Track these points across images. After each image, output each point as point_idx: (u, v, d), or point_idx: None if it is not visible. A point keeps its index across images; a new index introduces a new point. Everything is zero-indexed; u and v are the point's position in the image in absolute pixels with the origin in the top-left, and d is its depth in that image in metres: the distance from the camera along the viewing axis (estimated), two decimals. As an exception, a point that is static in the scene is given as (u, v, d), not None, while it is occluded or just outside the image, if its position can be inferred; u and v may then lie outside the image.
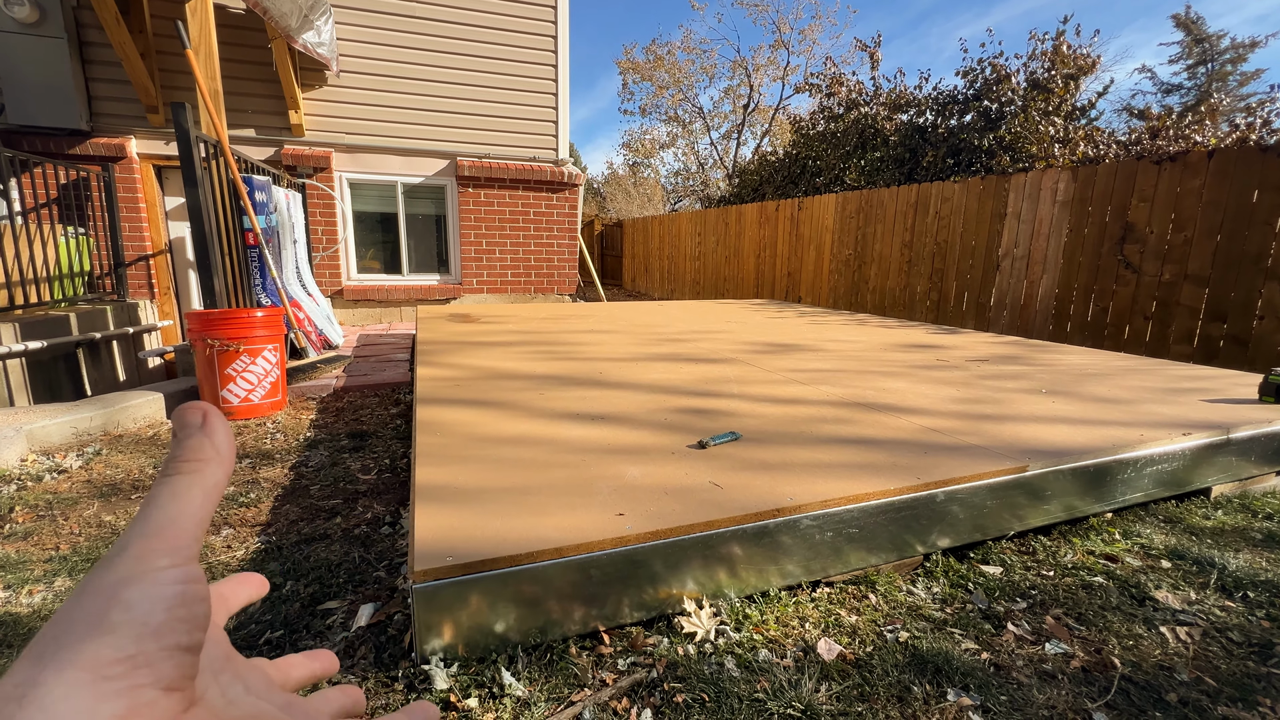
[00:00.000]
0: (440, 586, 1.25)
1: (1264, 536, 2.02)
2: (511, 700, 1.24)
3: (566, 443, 1.96)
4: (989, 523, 1.85)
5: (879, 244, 7.78)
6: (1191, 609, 1.61)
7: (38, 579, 1.73)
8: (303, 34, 5.24)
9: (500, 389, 2.63)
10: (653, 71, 24.72)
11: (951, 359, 3.54)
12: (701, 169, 26.08)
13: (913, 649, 1.42)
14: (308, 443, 2.96)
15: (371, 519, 2.14)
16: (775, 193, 12.88)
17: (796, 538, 1.56)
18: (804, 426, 2.16)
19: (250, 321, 3.31)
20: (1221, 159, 4.58)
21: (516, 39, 7.07)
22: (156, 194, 6.22)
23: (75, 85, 5.56)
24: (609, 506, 1.50)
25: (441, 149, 7.02)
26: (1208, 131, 6.79)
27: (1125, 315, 5.22)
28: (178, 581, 0.25)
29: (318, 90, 6.46)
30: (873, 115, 10.58)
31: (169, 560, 0.25)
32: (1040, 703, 1.28)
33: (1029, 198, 5.99)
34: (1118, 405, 2.52)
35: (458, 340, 3.93)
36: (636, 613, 1.45)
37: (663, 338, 4.19)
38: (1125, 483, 2.06)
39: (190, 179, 3.45)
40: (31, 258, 4.39)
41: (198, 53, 3.91)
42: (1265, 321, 4.32)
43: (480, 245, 7.34)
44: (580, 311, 5.84)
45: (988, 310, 6.44)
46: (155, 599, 0.23)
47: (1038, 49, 8.93)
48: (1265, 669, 1.39)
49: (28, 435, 2.78)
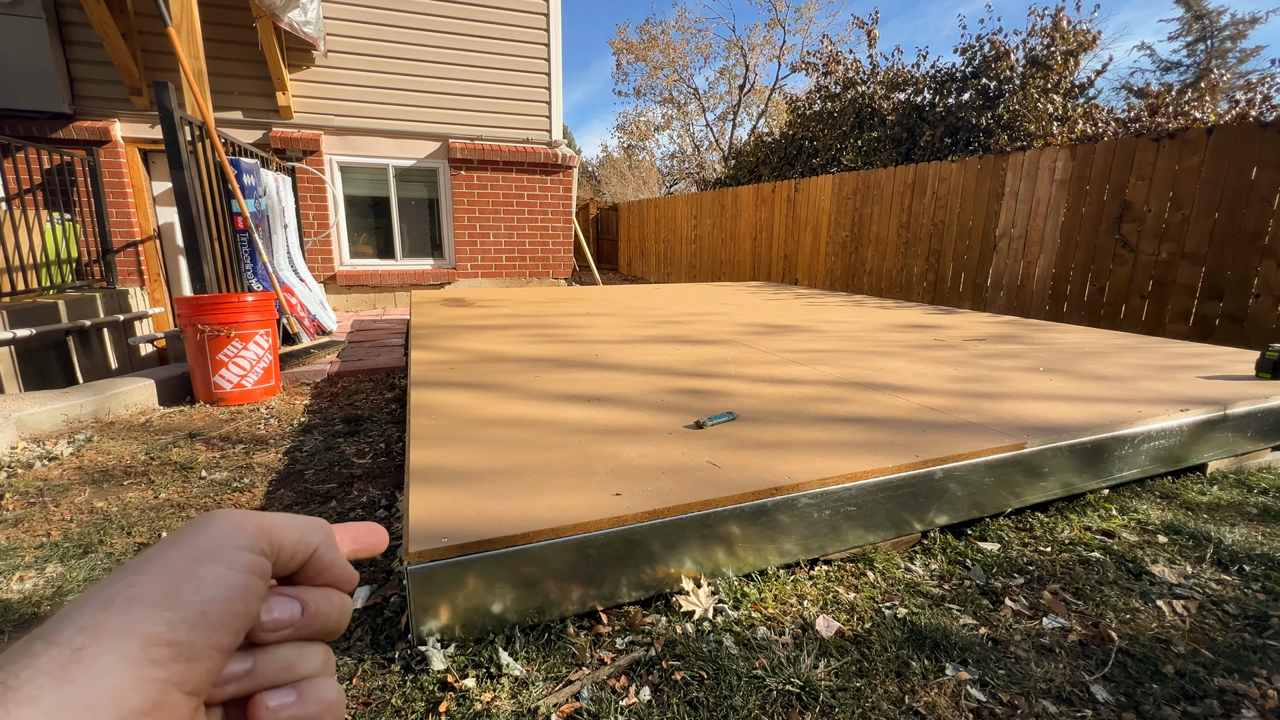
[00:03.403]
0: (436, 568, 1.23)
1: (1259, 511, 2.02)
2: (509, 680, 1.24)
3: (562, 424, 1.95)
4: (987, 500, 1.84)
5: (876, 225, 7.73)
6: (1188, 583, 1.62)
7: (29, 565, 1.72)
8: (288, 12, 5.12)
9: (495, 372, 2.61)
10: (647, 52, 24.37)
11: (949, 339, 3.53)
12: (697, 151, 25.83)
13: (911, 625, 1.42)
14: (302, 428, 2.93)
15: (367, 502, 2.12)
16: (771, 174, 12.76)
17: (794, 516, 1.56)
18: (801, 406, 2.15)
19: (241, 306, 3.27)
20: (1221, 136, 4.54)
21: (508, 17, 6.93)
22: (143, 178, 6.12)
23: (56, 67, 5.43)
24: (606, 487, 1.49)
25: (433, 131, 6.91)
26: (1207, 108, 6.73)
27: (1122, 294, 5.21)
28: (249, 570, 0.25)
29: (305, 71, 6.33)
30: (870, 94, 10.46)
31: (250, 543, 0.25)
32: (1038, 676, 1.28)
33: (1027, 177, 5.95)
34: (1115, 383, 2.52)
35: (452, 324, 3.89)
36: (634, 592, 1.44)
37: (659, 320, 4.16)
38: (1122, 459, 2.06)
39: (175, 161, 3.38)
40: (17, 244, 4.32)
41: (179, 31, 3.81)
42: (1261, 299, 4.31)
43: (474, 229, 7.26)
44: (575, 295, 5.80)
45: (985, 291, 6.43)
46: (225, 584, 0.24)
47: (1037, 25, 8.80)
48: (1261, 640, 1.40)
49: (17, 422, 2.75)
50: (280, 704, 0.26)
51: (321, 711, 0.27)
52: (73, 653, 0.20)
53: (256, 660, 0.26)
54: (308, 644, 0.28)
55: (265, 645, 0.27)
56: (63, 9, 5.46)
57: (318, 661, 0.28)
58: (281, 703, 0.26)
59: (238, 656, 0.26)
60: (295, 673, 0.27)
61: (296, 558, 0.28)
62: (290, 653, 0.27)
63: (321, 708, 0.27)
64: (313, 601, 0.28)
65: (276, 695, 0.26)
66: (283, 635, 0.27)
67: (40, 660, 0.20)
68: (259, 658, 0.26)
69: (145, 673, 0.21)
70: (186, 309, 3.21)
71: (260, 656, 0.26)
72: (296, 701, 0.27)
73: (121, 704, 0.20)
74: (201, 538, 0.25)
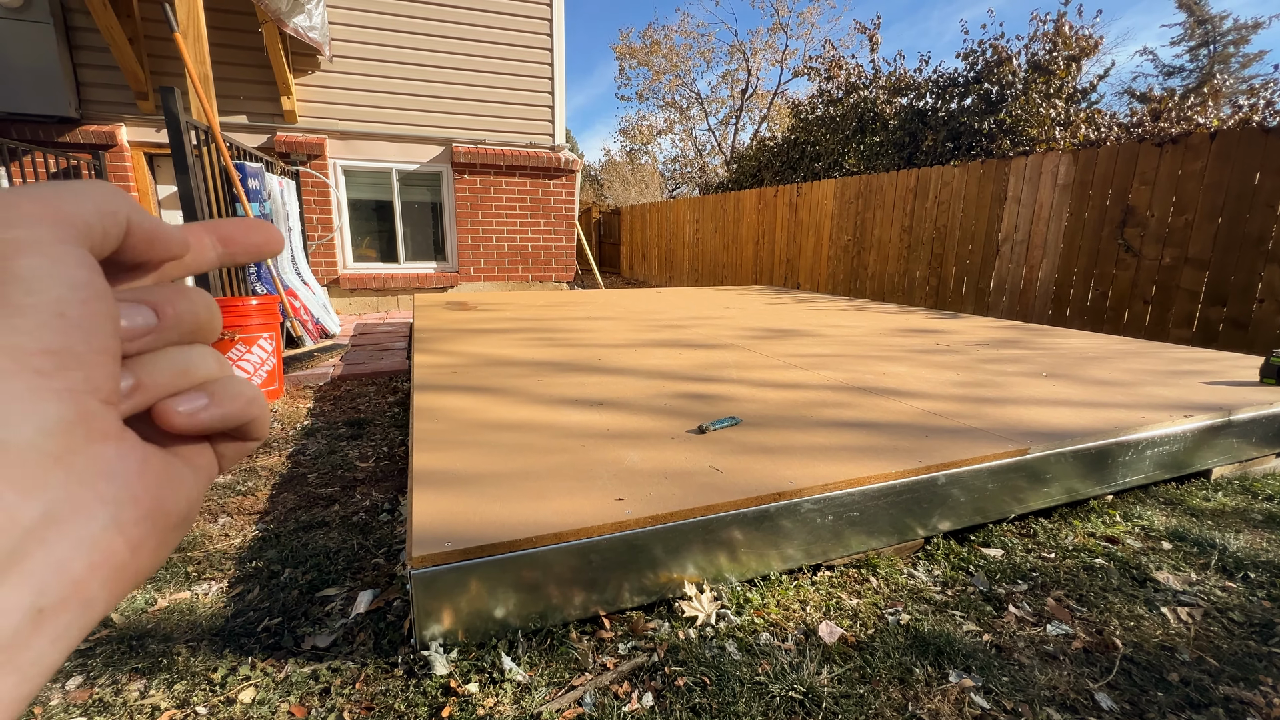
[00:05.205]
0: (439, 572, 1.23)
1: (1264, 518, 2.02)
2: (512, 685, 1.24)
3: (565, 428, 1.95)
4: (990, 505, 1.84)
5: (878, 229, 7.73)
6: (1192, 590, 1.61)
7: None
8: (293, 18, 5.15)
9: (498, 375, 2.62)
10: (649, 56, 24.45)
11: (951, 343, 3.53)
12: (699, 155, 25.88)
13: (914, 631, 1.42)
14: (305, 431, 2.94)
15: (370, 506, 2.13)
16: (774, 178, 12.78)
17: (797, 521, 1.56)
18: (804, 411, 2.15)
19: (245, 310, 3.28)
20: (1224, 141, 4.54)
21: (511, 22, 6.96)
22: (149, 182, 6.15)
23: (63, 71, 5.47)
24: (609, 491, 1.49)
25: (437, 135, 6.94)
26: (1210, 113, 6.73)
27: (1125, 299, 5.20)
28: (79, 264, 0.19)
29: (310, 76, 6.36)
30: (872, 99, 10.48)
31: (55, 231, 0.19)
32: (1042, 683, 1.27)
33: (1029, 181, 5.95)
34: (1118, 388, 2.51)
35: (455, 328, 3.90)
36: (637, 597, 1.44)
37: (661, 324, 4.16)
38: (1126, 465, 2.05)
39: (181, 165, 3.40)
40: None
41: (186, 36, 3.83)
42: (1265, 305, 4.30)
43: (477, 233, 7.28)
44: (578, 299, 5.81)
45: (987, 295, 6.42)
46: (60, 279, 0.18)
47: (1039, 30, 8.82)
48: (1266, 648, 1.39)
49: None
50: (193, 408, 0.23)
51: (243, 406, 0.24)
52: None
53: (136, 372, 0.22)
54: (191, 346, 0.24)
55: (137, 356, 0.23)
56: (70, 14, 5.50)
57: (212, 363, 0.25)
58: (194, 406, 0.23)
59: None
60: (193, 377, 0.24)
61: (110, 235, 0.22)
62: (176, 357, 0.23)
63: (240, 402, 0.24)
64: (161, 301, 0.23)
65: (185, 400, 0.23)
66: (148, 342, 0.23)
67: None
68: (139, 368, 0.22)
69: (42, 383, 0.17)
70: (191, 312, 3.22)
71: (139, 367, 0.22)
72: (212, 401, 0.23)
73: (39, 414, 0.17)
74: None
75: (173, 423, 0.23)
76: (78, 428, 0.18)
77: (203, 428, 0.23)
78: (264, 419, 0.26)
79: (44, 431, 0.17)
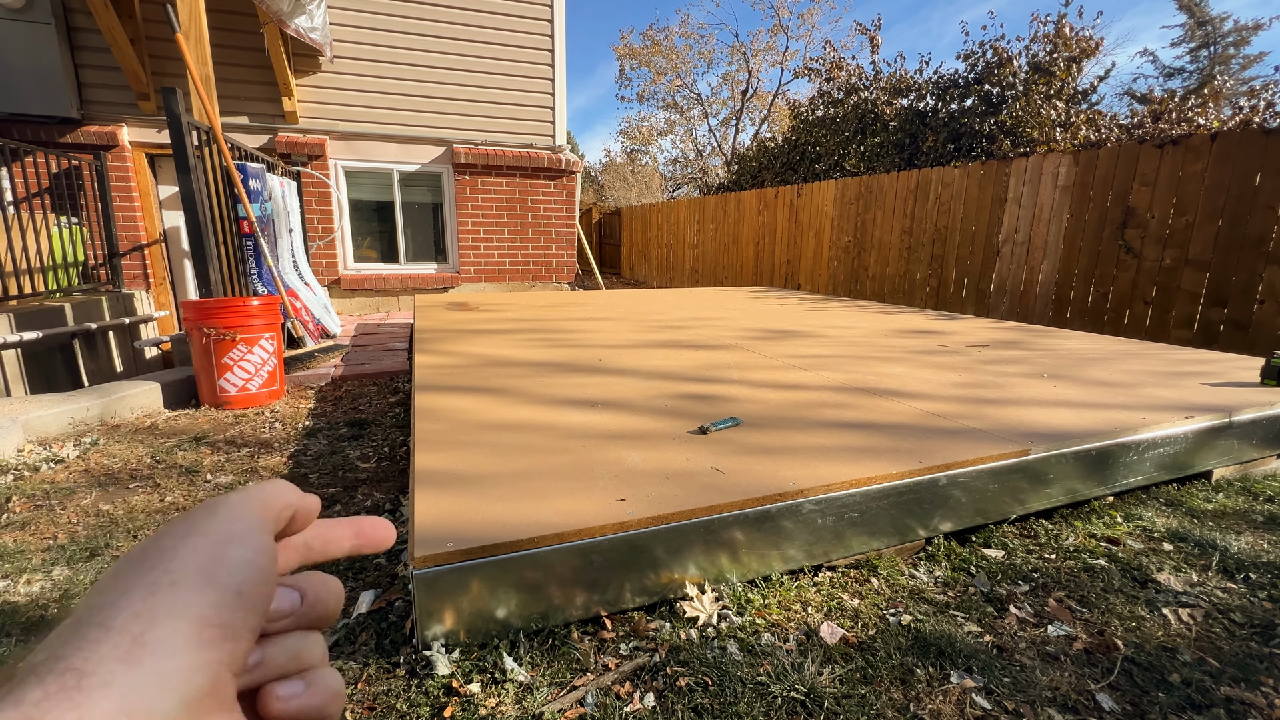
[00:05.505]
0: (441, 573, 1.24)
1: (1265, 519, 2.02)
2: (514, 685, 1.24)
3: (567, 428, 1.95)
4: (991, 506, 1.84)
5: (879, 230, 7.74)
6: (1194, 591, 1.61)
7: (36, 568, 1.72)
8: (295, 18, 5.16)
9: (499, 376, 2.62)
10: (650, 57, 24.47)
11: (952, 344, 3.53)
12: (700, 156, 25.90)
13: (915, 632, 1.42)
14: (306, 432, 2.94)
15: (371, 506, 2.13)
16: (774, 179, 12.79)
17: (798, 522, 1.56)
18: (805, 411, 2.15)
19: (246, 310, 3.28)
20: (1224, 142, 4.54)
21: (512, 23, 6.97)
22: (150, 183, 6.16)
23: (65, 72, 5.48)
24: (610, 491, 1.49)
25: (438, 136, 6.95)
26: (1210, 115, 6.74)
27: (1125, 300, 5.20)
28: (267, 552, 0.25)
29: (311, 77, 6.37)
30: (872, 100, 10.49)
31: (260, 525, 0.26)
32: (1043, 684, 1.28)
33: (1030, 182, 5.95)
34: (1119, 389, 2.51)
35: (456, 328, 3.90)
36: (638, 598, 1.44)
37: (662, 325, 4.16)
38: (1127, 466, 2.05)
39: (183, 166, 3.41)
40: (25, 248, 4.35)
41: (188, 37, 3.84)
42: (1266, 306, 4.30)
43: (478, 233, 7.29)
44: (579, 299, 5.81)
45: (988, 296, 6.42)
46: (254, 566, 0.24)
47: (1040, 31, 8.83)
48: (1268, 649, 1.39)
49: (24, 425, 2.76)
50: (290, 693, 0.26)
51: (328, 700, 0.27)
52: (134, 637, 0.21)
53: (265, 650, 0.26)
54: (308, 633, 0.28)
55: (269, 636, 0.27)
56: (72, 14, 5.51)
57: (320, 650, 0.29)
58: (291, 692, 0.26)
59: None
60: (302, 662, 0.27)
61: (283, 520, 0.28)
62: (295, 642, 0.27)
63: (327, 696, 0.27)
64: (311, 588, 0.29)
65: (286, 685, 0.26)
66: (285, 625, 0.27)
67: (104, 646, 0.20)
68: (267, 648, 0.26)
69: (203, 654, 0.21)
70: (192, 312, 3.23)
71: (269, 647, 0.26)
72: (306, 691, 0.27)
73: (188, 684, 0.21)
74: (220, 521, 0.25)
75: (270, 707, 0.26)
76: (209, 699, 0.21)
77: (292, 715, 0.26)
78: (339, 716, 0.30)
79: (185, 703, 0.20)
